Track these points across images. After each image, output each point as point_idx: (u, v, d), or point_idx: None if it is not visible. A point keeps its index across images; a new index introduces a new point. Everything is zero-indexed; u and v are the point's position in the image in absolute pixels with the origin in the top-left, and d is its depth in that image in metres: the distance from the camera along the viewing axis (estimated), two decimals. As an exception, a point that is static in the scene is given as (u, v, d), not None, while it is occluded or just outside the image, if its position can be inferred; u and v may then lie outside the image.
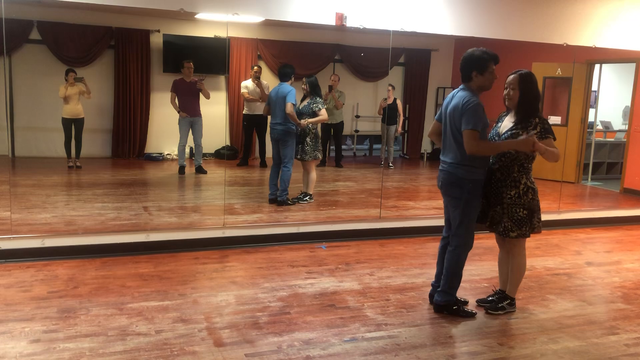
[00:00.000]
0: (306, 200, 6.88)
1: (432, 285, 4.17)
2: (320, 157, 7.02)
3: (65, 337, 3.35)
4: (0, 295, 3.93)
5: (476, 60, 3.70)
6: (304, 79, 6.94)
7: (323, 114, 6.73)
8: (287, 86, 6.68)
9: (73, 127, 8.55)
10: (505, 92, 3.86)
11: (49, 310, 3.71)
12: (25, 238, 4.90)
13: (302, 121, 6.67)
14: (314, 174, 6.93)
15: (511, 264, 4.01)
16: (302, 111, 6.77)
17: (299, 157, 6.84)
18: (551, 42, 6.70)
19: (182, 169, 8.52)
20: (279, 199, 6.72)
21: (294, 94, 6.62)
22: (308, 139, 6.76)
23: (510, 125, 3.82)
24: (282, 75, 6.79)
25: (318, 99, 6.76)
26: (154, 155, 9.86)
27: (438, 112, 3.98)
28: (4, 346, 3.21)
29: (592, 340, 3.62)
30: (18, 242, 4.81)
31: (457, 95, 3.76)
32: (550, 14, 6.61)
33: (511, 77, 3.81)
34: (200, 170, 8.57)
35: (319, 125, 6.94)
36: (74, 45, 9.48)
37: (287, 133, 6.67)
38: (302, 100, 6.92)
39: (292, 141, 6.70)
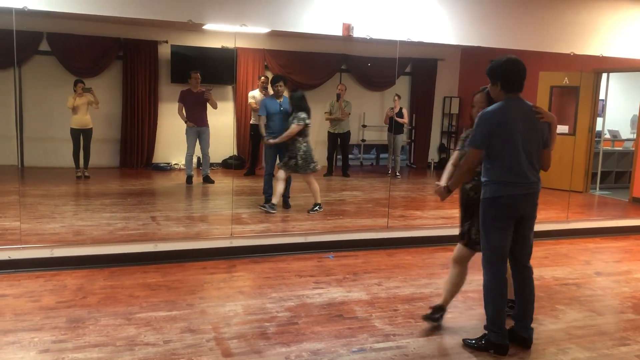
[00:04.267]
0: (315, 210, 6.90)
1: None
2: (315, 169, 6.91)
3: (74, 347, 3.35)
4: (9, 305, 3.95)
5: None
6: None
7: (290, 130, 6.67)
8: (264, 98, 6.93)
9: (81, 137, 8.60)
10: (474, 110, 3.81)
11: (57, 320, 3.72)
12: (34, 248, 4.92)
13: (265, 140, 6.93)
14: (314, 185, 6.93)
15: (461, 278, 3.88)
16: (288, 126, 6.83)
17: (295, 170, 6.88)
18: (558, 51, 6.70)
19: (189, 179, 8.55)
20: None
21: (262, 107, 6.91)
22: (299, 155, 6.75)
23: None
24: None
25: (299, 113, 6.69)
26: (162, 165, 9.91)
27: (475, 138, 3.49)
28: (13, 356, 3.22)
29: (602, 352, 3.59)
30: (27, 252, 4.83)
31: (532, 108, 3.49)
32: (557, 23, 6.62)
33: (478, 95, 3.79)
34: (207, 179, 8.60)
35: (308, 138, 6.89)
36: (82, 56, 9.58)
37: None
38: (290, 114, 6.88)
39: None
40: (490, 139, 3.43)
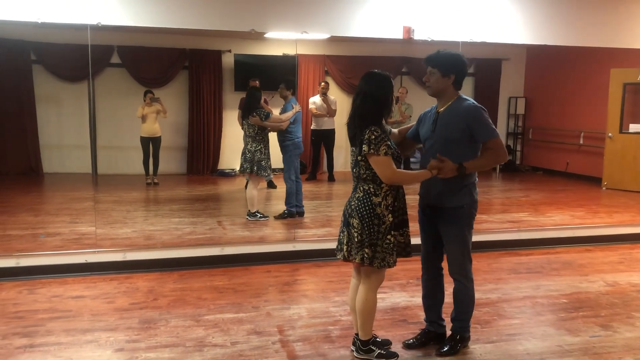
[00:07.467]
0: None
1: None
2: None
3: (147, 347, 3.49)
4: (87, 306, 4.16)
5: None
6: None
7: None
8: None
9: (151, 145, 8.95)
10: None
11: (131, 321, 3.88)
12: (108, 252, 5.16)
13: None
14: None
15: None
16: None
17: None
18: (631, 46, 6.41)
19: (253, 184, 8.70)
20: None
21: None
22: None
23: None
24: None
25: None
26: (227, 171, 10.16)
27: (494, 127, 3.50)
28: (91, 354, 3.39)
29: (684, 362, 3.40)
30: (102, 256, 5.07)
31: None
32: (628, 17, 6.32)
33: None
34: (270, 184, 8.73)
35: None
36: (151, 67, 9.98)
37: (281, 146, 6.88)
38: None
39: (285, 153, 6.84)
40: None
